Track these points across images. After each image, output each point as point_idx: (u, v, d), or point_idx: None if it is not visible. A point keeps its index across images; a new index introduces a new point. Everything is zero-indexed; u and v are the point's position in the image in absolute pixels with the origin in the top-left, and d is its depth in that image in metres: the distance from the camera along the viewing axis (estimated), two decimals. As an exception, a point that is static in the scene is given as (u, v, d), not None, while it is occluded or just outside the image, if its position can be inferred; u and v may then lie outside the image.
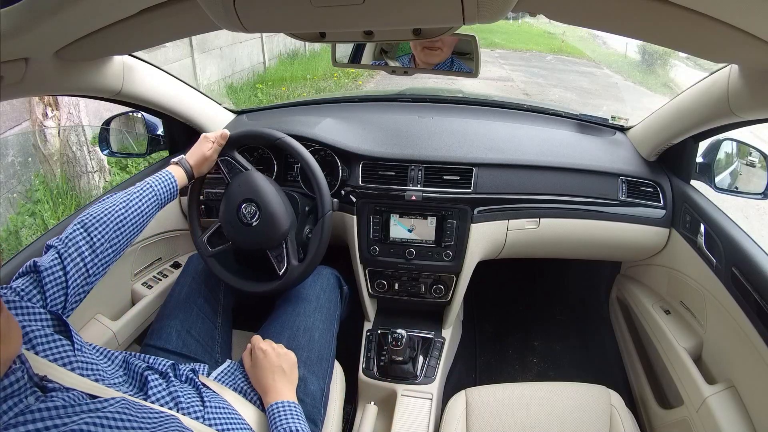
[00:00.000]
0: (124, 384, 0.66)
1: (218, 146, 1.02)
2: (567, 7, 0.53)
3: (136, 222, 0.83)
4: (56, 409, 0.51)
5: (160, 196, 0.89)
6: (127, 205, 0.82)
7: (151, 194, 0.87)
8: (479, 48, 0.90)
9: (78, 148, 3.06)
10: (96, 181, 3.19)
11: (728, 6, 0.46)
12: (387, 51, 0.99)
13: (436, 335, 1.25)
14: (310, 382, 0.90)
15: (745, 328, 0.87)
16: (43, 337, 0.60)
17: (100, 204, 0.81)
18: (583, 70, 8.83)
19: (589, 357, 1.49)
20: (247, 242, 1.02)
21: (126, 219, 0.81)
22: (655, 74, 8.89)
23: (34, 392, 0.52)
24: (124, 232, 0.81)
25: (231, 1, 0.48)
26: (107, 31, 0.65)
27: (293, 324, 0.97)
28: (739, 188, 1.05)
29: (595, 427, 0.91)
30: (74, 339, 0.63)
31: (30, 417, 0.49)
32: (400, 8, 0.48)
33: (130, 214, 0.82)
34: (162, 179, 0.90)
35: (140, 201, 0.85)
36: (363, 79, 6.75)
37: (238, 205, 1.00)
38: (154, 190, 0.88)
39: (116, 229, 0.79)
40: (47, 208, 2.87)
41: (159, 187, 0.89)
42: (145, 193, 0.86)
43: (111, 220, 0.79)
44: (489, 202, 1.15)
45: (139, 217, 0.84)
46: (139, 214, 0.84)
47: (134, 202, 0.84)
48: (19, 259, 0.92)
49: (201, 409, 0.69)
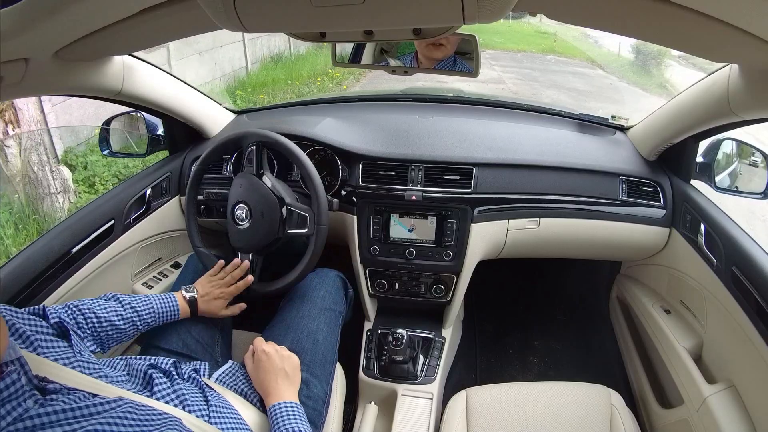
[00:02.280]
0: (127, 382, 0.66)
1: (231, 314, 1.02)
2: (567, 7, 0.52)
3: (126, 333, 0.86)
4: (56, 414, 0.50)
5: (158, 319, 0.91)
6: (125, 318, 0.85)
7: (151, 315, 0.90)
8: (479, 48, 0.90)
9: (40, 168, 2.91)
10: (60, 203, 3.03)
11: (728, 6, 0.46)
12: (387, 50, 0.99)
13: (437, 335, 1.25)
14: (312, 385, 0.90)
15: (746, 328, 0.87)
16: (43, 340, 0.59)
17: (101, 309, 0.82)
18: (576, 70, 8.74)
19: (590, 357, 1.49)
20: (235, 241, 1.04)
21: (122, 329, 0.84)
22: (649, 74, 8.73)
23: (33, 395, 0.51)
24: (118, 337, 0.85)
25: (231, 1, 0.48)
26: (107, 31, 0.65)
27: (297, 326, 0.97)
28: (740, 188, 1.05)
29: (595, 427, 0.91)
30: (74, 342, 0.63)
31: (30, 423, 0.48)
32: (400, 8, 0.48)
33: (126, 326, 0.85)
34: (166, 305, 0.92)
35: (138, 317, 0.87)
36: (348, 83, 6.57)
37: (234, 204, 1.02)
38: (156, 312, 0.91)
39: (112, 333, 0.83)
40: (9, 234, 2.73)
41: (161, 312, 0.91)
42: (146, 312, 0.89)
43: (109, 326, 0.82)
44: (489, 202, 1.15)
45: (132, 330, 0.87)
46: (133, 328, 0.87)
47: (132, 318, 0.86)
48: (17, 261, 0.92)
49: (205, 408, 0.69)
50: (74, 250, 1.00)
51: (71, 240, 1.00)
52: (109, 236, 1.10)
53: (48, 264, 0.94)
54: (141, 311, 0.88)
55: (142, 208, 1.20)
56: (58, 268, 0.96)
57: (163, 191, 1.27)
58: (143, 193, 1.20)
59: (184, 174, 1.31)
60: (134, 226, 1.17)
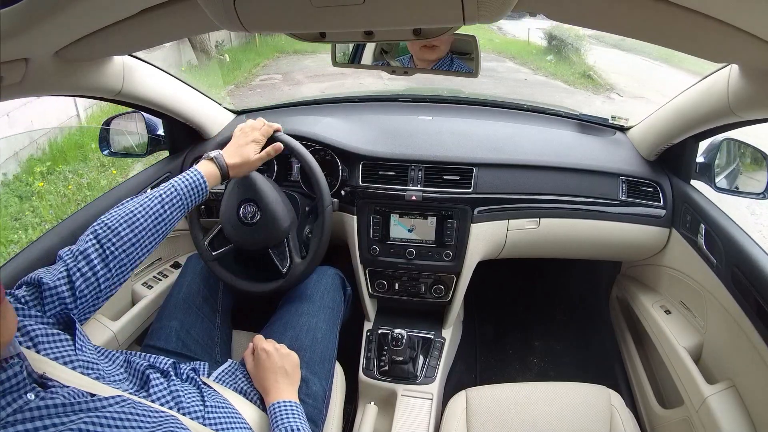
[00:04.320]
0: (124, 382, 0.66)
1: (267, 156, 0.91)
2: (567, 7, 0.53)
3: (155, 230, 0.75)
4: (55, 407, 0.51)
5: (185, 199, 0.79)
6: (145, 212, 0.74)
7: (174, 197, 0.78)
8: (479, 48, 0.90)
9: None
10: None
11: (728, 6, 0.46)
12: (387, 51, 0.99)
13: (437, 335, 1.25)
14: (312, 383, 0.90)
15: (746, 328, 0.87)
16: (44, 336, 0.59)
17: (116, 210, 0.74)
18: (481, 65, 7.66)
19: (589, 357, 1.49)
20: (249, 242, 1.02)
21: (144, 228, 0.73)
22: (569, 63, 7.27)
23: (34, 388, 0.52)
24: (142, 242, 0.73)
25: (231, 1, 0.48)
26: (107, 31, 0.65)
27: (296, 324, 0.97)
28: (740, 188, 1.05)
29: (595, 427, 0.91)
30: (77, 337, 0.63)
31: (29, 415, 0.49)
32: (400, 8, 0.48)
33: (149, 221, 0.74)
34: (188, 179, 0.80)
35: (161, 206, 0.76)
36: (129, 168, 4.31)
37: (238, 206, 1.00)
38: (179, 192, 0.78)
39: (133, 239, 0.72)
40: None
41: (184, 189, 0.79)
42: (167, 196, 0.77)
43: (127, 230, 0.72)
44: (489, 202, 1.15)
45: (160, 224, 0.76)
46: (160, 221, 0.76)
47: (154, 207, 0.75)
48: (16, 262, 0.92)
49: (201, 409, 0.69)
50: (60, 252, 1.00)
51: (71, 240, 0.99)
52: None
53: (48, 264, 0.94)
54: (163, 196, 0.76)
55: None
56: None
57: None
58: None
59: None
60: None
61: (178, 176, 0.82)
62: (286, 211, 1.01)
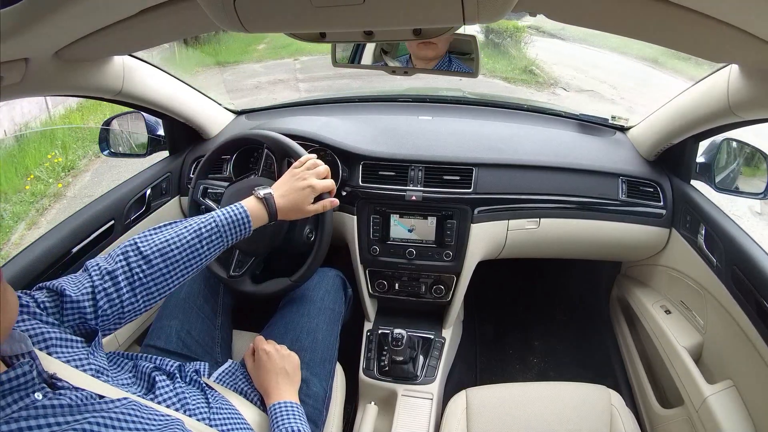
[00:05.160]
0: (132, 385, 0.66)
1: (322, 208, 0.87)
2: (567, 7, 0.53)
3: (188, 264, 0.71)
4: (61, 407, 0.50)
5: (225, 235, 0.74)
6: (180, 243, 0.70)
7: (213, 232, 0.73)
8: (479, 48, 0.90)
9: None
10: None
11: (728, 6, 0.46)
12: (387, 51, 0.99)
13: (437, 335, 1.25)
14: (312, 384, 0.90)
15: (746, 328, 0.87)
16: (58, 340, 0.59)
17: (152, 236, 0.71)
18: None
19: (590, 357, 1.49)
20: (250, 246, 1.02)
21: (177, 260, 0.70)
22: (509, 58, 6.79)
23: (43, 388, 0.51)
24: (173, 273, 0.70)
25: (231, 1, 0.48)
26: (107, 31, 0.65)
27: (297, 325, 0.97)
28: (740, 188, 1.05)
29: (595, 427, 0.91)
30: (93, 342, 0.63)
31: (34, 413, 0.48)
32: (400, 8, 0.48)
33: (183, 254, 0.70)
34: (231, 214, 0.75)
35: (198, 239, 0.72)
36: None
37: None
38: (219, 227, 0.73)
39: (164, 269, 0.69)
40: None
41: (225, 225, 0.74)
42: (206, 230, 0.72)
43: (159, 260, 0.69)
44: (489, 202, 1.15)
45: (194, 258, 0.72)
46: (195, 255, 0.71)
47: (191, 240, 0.71)
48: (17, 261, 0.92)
49: (206, 411, 0.69)
50: (74, 251, 1.00)
51: (71, 240, 1.00)
52: (109, 236, 1.09)
53: (48, 264, 0.94)
54: (201, 230, 0.72)
55: (142, 208, 1.20)
56: (58, 268, 0.96)
57: (163, 191, 1.27)
58: (143, 194, 1.20)
59: (184, 174, 1.31)
60: (134, 226, 1.17)
61: (221, 209, 0.76)
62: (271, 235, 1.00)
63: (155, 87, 1.10)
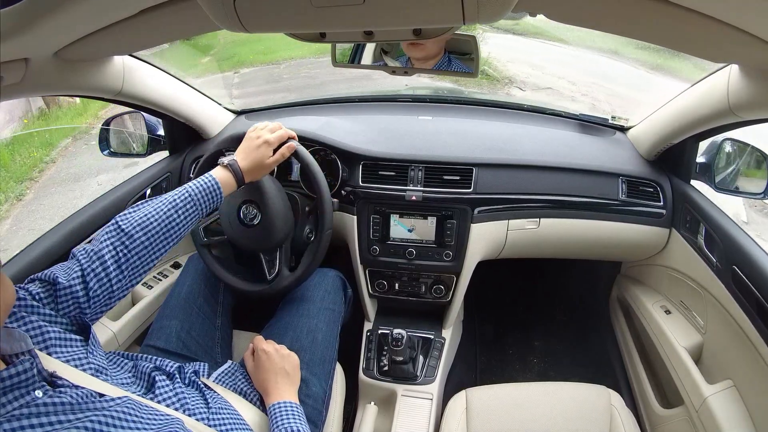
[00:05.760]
0: (132, 385, 0.66)
1: (281, 157, 0.92)
2: (567, 7, 0.53)
3: (167, 234, 0.76)
4: (62, 405, 0.51)
5: (199, 204, 0.79)
6: (158, 216, 0.75)
7: (188, 201, 0.78)
8: (479, 48, 0.90)
9: None
10: None
11: (728, 6, 0.46)
12: (387, 51, 0.99)
13: (437, 335, 1.25)
14: (312, 384, 0.90)
15: (746, 328, 0.87)
16: (57, 340, 0.59)
17: (132, 213, 0.75)
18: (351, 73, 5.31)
19: (589, 357, 1.49)
20: (241, 241, 1.02)
21: (157, 232, 0.74)
22: None
23: (43, 386, 0.52)
24: (154, 245, 0.74)
25: (231, 1, 0.48)
26: (107, 31, 0.65)
27: (297, 325, 0.97)
28: (740, 188, 1.05)
29: (595, 427, 0.91)
30: (90, 342, 0.63)
31: (35, 410, 0.48)
32: (400, 8, 0.48)
33: (162, 225, 0.75)
34: (202, 184, 0.81)
35: (174, 210, 0.76)
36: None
37: (241, 204, 1.01)
38: (192, 196, 0.79)
39: (146, 242, 0.73)
40: None
41: (197, 194, 0.79)
42: (181, 200, 0.78)
43: (141, 233, 0.73)
44: (489, 202, 1.15)
45: (172, 228, 0.76)
46: (172, 225, 0.76)
47: (167, 211, 0.76)
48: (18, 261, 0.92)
49: (206, 411, 0.69)
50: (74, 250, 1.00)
51: (71, 240, 1.00)
52: None
53: (47, 264, 0.94)
54: (176, 201, 0.77)
55: None
56: None
57: (163, 191, 1.27)
58: (143, 193, 1.20)
59: (184, 174, 1.31)
60: None
61: (192, 181, 0.81)
62: (285, 220, 1.01)
63: (155, 87, 1.10)
